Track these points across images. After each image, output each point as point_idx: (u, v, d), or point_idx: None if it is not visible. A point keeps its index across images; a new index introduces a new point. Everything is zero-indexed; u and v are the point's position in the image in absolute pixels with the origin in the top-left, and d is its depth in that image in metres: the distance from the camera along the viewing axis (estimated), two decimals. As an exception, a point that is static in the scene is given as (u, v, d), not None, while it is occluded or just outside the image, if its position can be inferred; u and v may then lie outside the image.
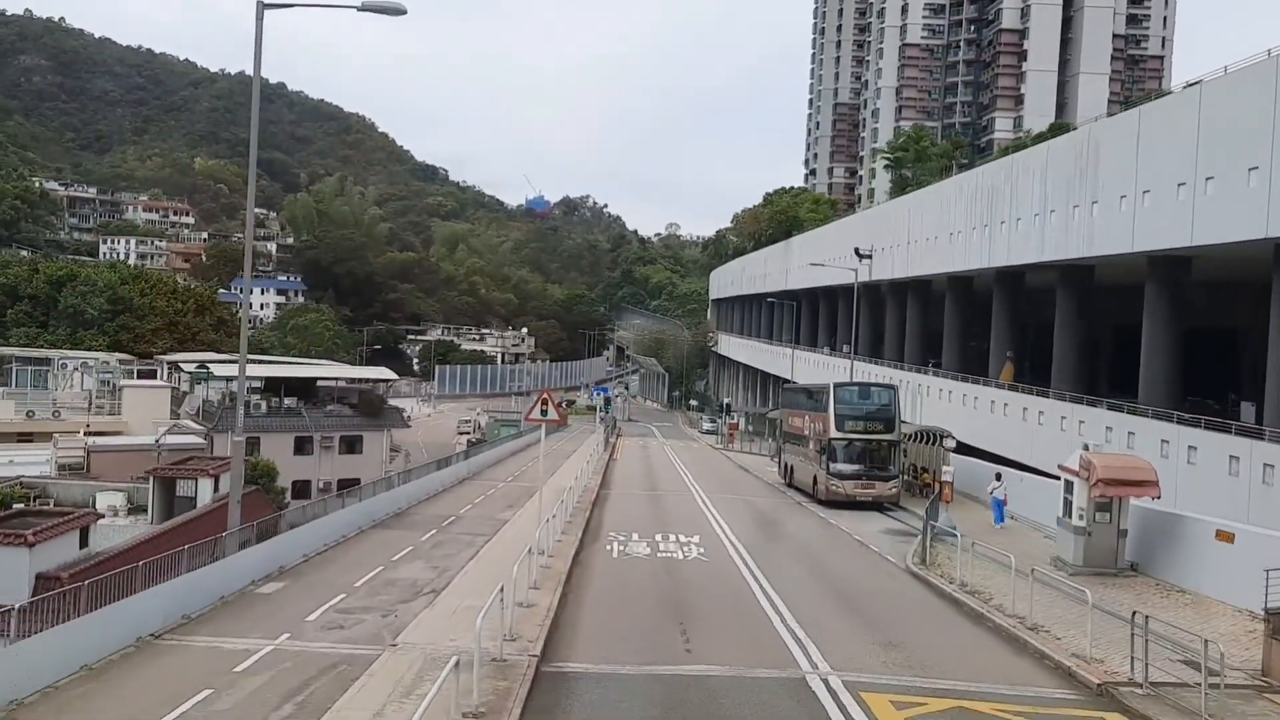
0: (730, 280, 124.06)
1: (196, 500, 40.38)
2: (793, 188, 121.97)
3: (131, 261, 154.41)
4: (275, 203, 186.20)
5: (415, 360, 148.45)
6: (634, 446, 78.26)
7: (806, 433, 44.81)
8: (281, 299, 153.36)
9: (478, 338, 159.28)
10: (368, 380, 73.97)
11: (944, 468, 35.20)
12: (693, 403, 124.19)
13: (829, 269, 78.44)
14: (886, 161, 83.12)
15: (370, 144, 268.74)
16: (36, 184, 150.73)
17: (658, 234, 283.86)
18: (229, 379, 69.51)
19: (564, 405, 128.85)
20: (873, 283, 67.55)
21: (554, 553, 26.10)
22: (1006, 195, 47.49)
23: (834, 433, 40.77)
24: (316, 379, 72.39)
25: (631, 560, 26.97)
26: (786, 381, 79.42)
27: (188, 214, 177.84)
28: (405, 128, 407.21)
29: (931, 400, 55.12)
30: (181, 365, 76.54)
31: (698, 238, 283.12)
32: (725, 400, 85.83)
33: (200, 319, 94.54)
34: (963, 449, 43.25)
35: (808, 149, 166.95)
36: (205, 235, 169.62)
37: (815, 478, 42.86)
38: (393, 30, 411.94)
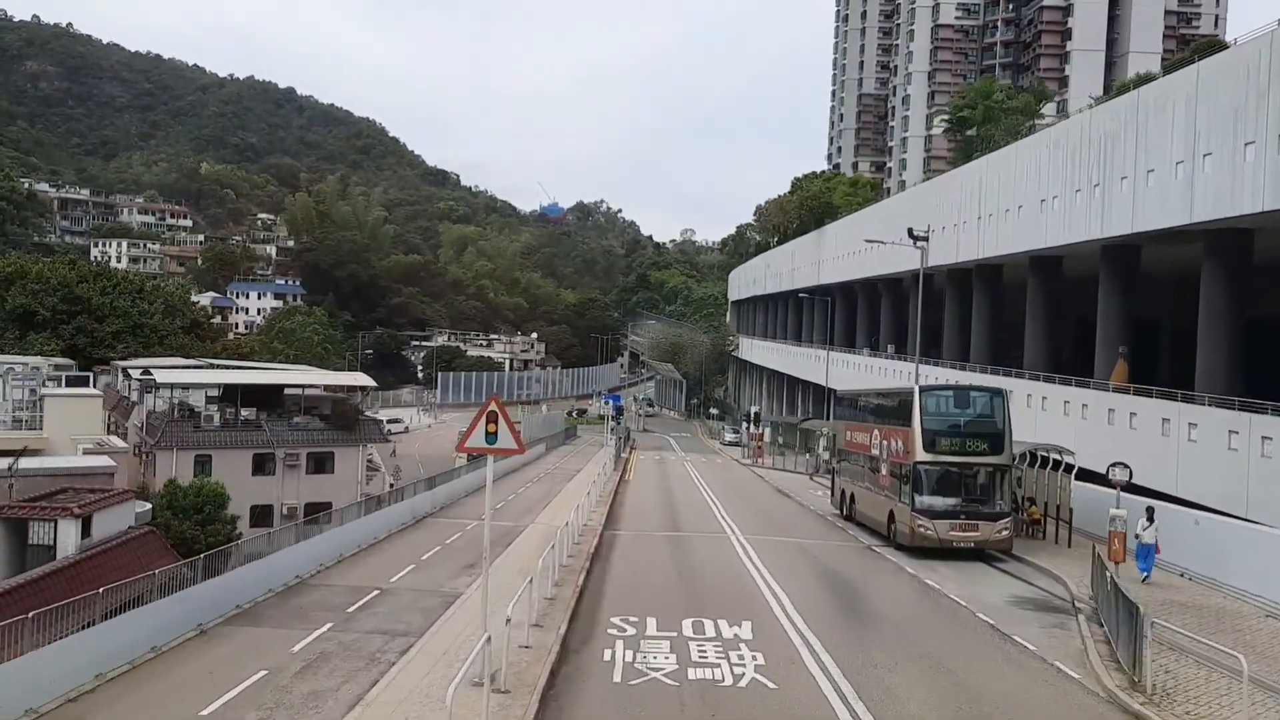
0: (752, 279, 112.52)
1: (56, 550, 29.27)
2: (823, 171, 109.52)
3: (123, 265, 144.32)
4: (281, 207, 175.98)
5: (419, 367, 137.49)
6: (649, 463, 66.87)
7: (877, 453, 33.30)
8: (279, 303, 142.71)
9: (485, 343, 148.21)
10: (342, 388, 62.81)
11: (1113, 512, 23.60)
12: (713, 411, 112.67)
13: (873, 255, 67.00)
14: (945, 124, 71.38)
15: (380, 149, 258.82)
16: (25, 185, 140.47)
17: (673, 240, 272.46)
18: (174, 386, 58.74)
19: (574, 414, 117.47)
20: (927, 271, 56.19)
21: (511, 681, 14.68)
22: (1130, 143, 35.86)
23: (922, 454, 29.27)
24: (283, 386, 61.32)
25: (645, 695, 15.34)
26: (836, 391, 68.02)
27: (185, 216, 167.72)
28: (417, 135, 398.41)
29: (1018, 409, 43.36)
30: (130, 371, 65.57)
31: (714, 243, 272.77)
32: (752, 409, 74.25)
33: (171, 321, 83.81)
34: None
35: (830, 143, 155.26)
36: (202, 238, 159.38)
37: (892, 514, 31.34)
38: (405, 37, 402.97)
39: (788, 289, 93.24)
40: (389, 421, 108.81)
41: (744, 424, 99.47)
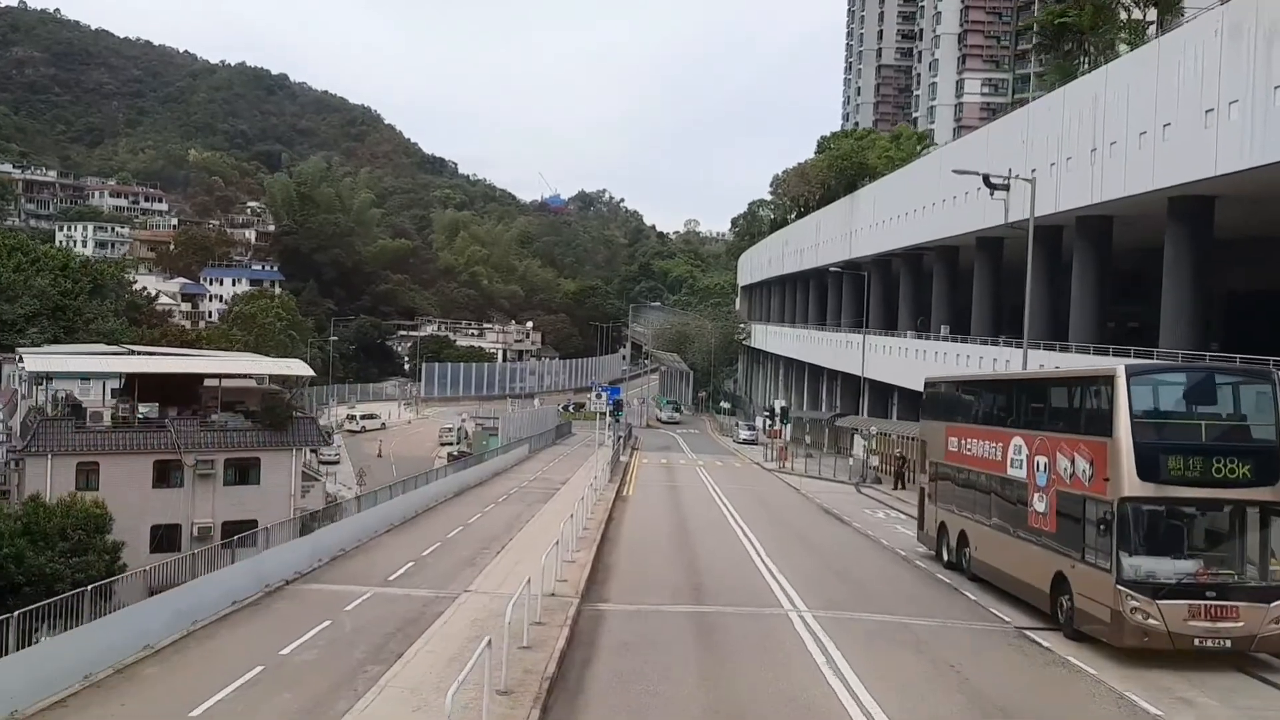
0: (767, 259, 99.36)
1: None
2: (856, 128, 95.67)
3: (88, 250, 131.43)
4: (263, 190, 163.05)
5: (405, 359, 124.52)
6: (654, 469, 53.82)
7: (1024, 475, 20.17)
8: (254, 290, 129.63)
9: (476, 333, 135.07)
10: (275, 378, 49.99)
11: None
12: (725, 405, 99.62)
13: (922, 218, 53.94)
14: (1039, 38, 57.46)
15: (375, 136, 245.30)
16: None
17: (677, 231, 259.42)
18: (54, 375, 45.99)
19: (570, 409, 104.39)
20: (988, 234, 43.31)
21: None
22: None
23: (1135, 484, 16.28)
24: (200, 376, 48.41)
25: None
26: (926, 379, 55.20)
27: (160, 200, 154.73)
28: (417, 126, 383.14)
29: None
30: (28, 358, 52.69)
31: (719, 234, 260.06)
32: (776, 403, 60.93)
33: (101, 303, 70.97)
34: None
35: (845, 120, 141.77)
36: (175, 222, 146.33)
37: (1062, 580, 18.26)
38: (402, 26, 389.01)
39: (811, 267, 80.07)
40: (363, 418, 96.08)
41: (762, 419, 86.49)
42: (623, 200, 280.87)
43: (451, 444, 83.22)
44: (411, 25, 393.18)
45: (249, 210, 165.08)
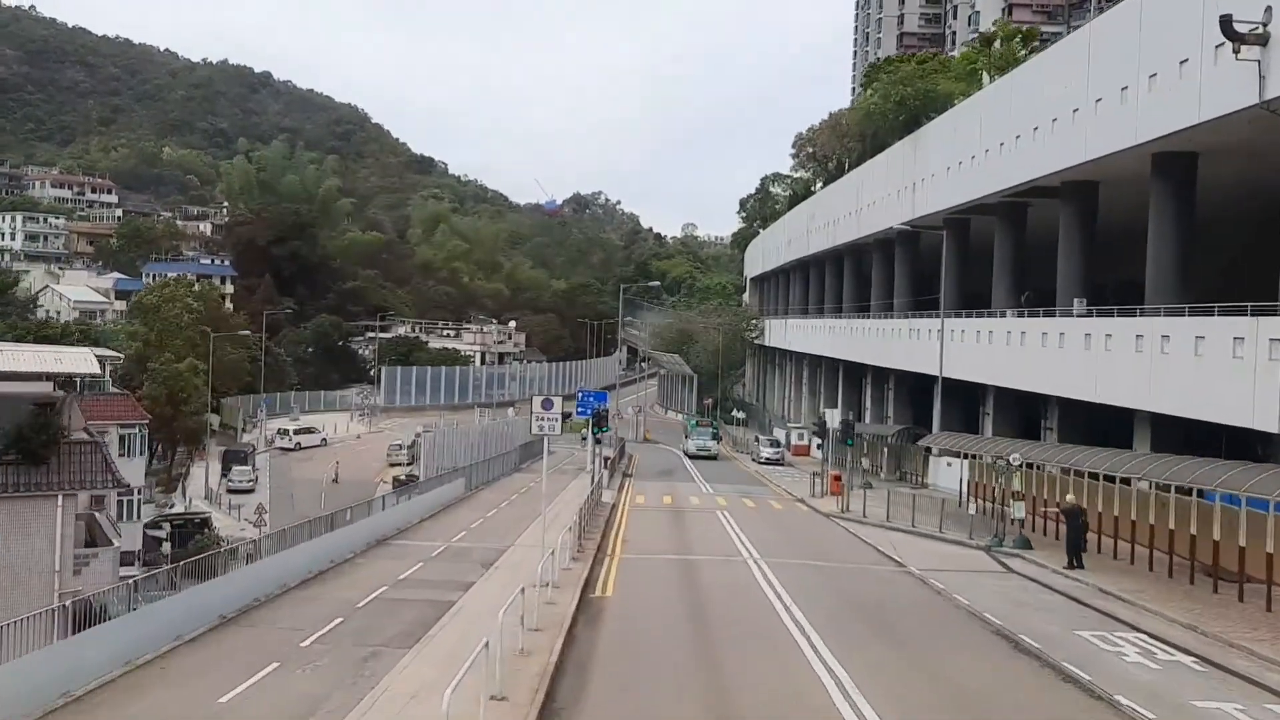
0: (786, 240, 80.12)
1: None
2: (915, 53, 75.33)
3: (17, 243, 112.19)
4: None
5: (370, 363, 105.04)
6: (654, 515, 34.13)
7: None
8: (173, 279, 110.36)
9: (451, 333, 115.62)
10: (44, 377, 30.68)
11: None
12: (738, 415, 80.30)
13: (1027, 148, 34.90)
14: None
15: (362, 135, 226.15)
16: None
17: (674, 236, 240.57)
18: None
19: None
20: (1175, 149, 24.63)
21: None
22: None
23: None
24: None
25: None
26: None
27: (110, 191, 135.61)
28: (408, 131, 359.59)
29: None
30: None
31: (719, 238, 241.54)
32: (829, 415, 40.74)
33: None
34: None
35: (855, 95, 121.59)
36: (119, 214, 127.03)
37: None
38: (396, 32, 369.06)
39: (848, 240, 60.81)
40: (299, 432, 76.70)
41: (786, 432, 67.08)
42: (619, 203, 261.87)
43: (402, 464, 64.04)
44: (404, 31, 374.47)
45: (225, 209, 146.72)
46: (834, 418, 40.51)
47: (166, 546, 43.43)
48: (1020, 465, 27.52)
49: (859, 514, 34.12)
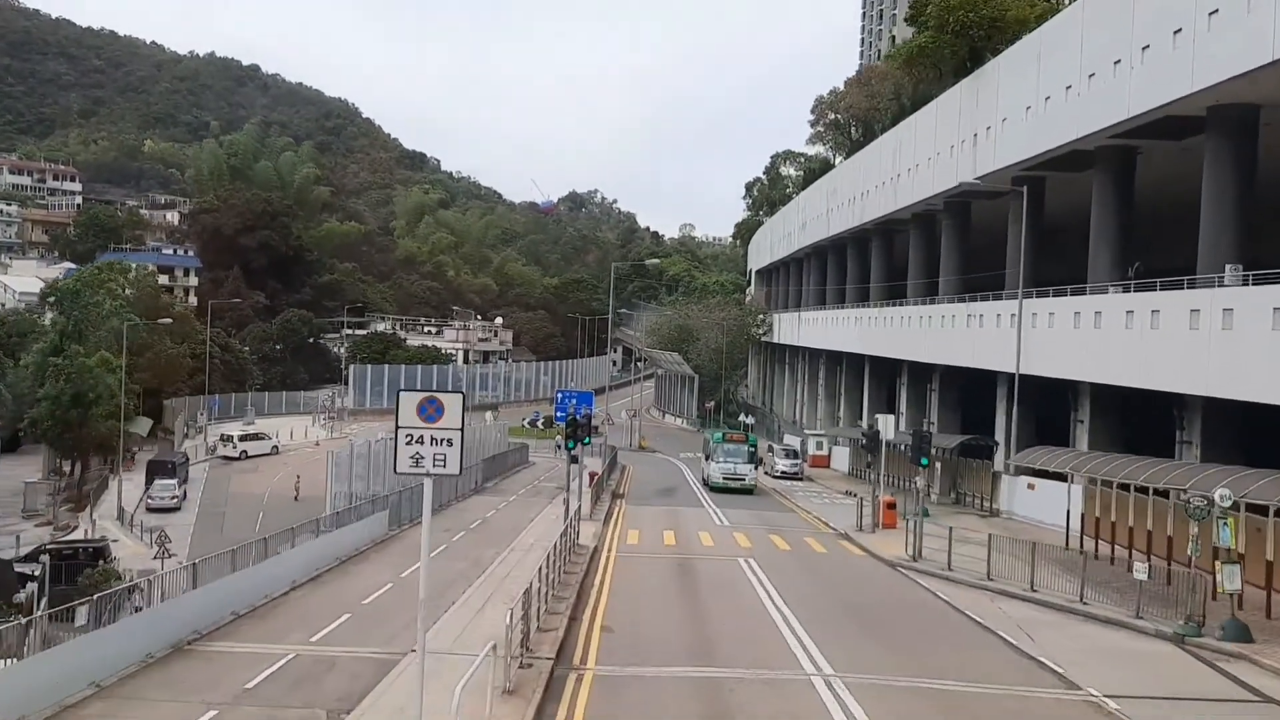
0: (800, 223, 69.67)
1: None
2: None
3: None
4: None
5: (342, 360, 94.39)
6: (653, 555, 23.60)
7: None
8: (163, 278, 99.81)
9: (433, 330, 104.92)
10: None
11: None
12: (746, 420, 69.81)
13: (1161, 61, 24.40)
14: None
15: (352, 130, 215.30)
16: None
17: (672, 237, 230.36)
18: None
19: (540, 424, 73.50)
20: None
21: None
22: None
23: None
24: None
25: None
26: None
27: (73, 179, 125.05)
28: (402, 130, 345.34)
29: None
30: None
31: (717, 239, 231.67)
32: (881, 422, 30.34)
33: None
34: None
35: (865, 49, 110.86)
36: (79, 201, 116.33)
37: None
38: (393, 34, 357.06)
39: (881, 216, 50.43)
40: (244, 438, 66.05)
41: (804, 440, 56.57)
42: (615, 201, 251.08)
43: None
44: (403, 30, 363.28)
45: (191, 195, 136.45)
46: (888, 426, 30.01)
47: (31, 588, 32.73)
48: (1231, 505, 16.99)
49: (939, 563, 23.65)
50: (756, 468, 43.93)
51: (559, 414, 31.42)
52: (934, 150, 42.73)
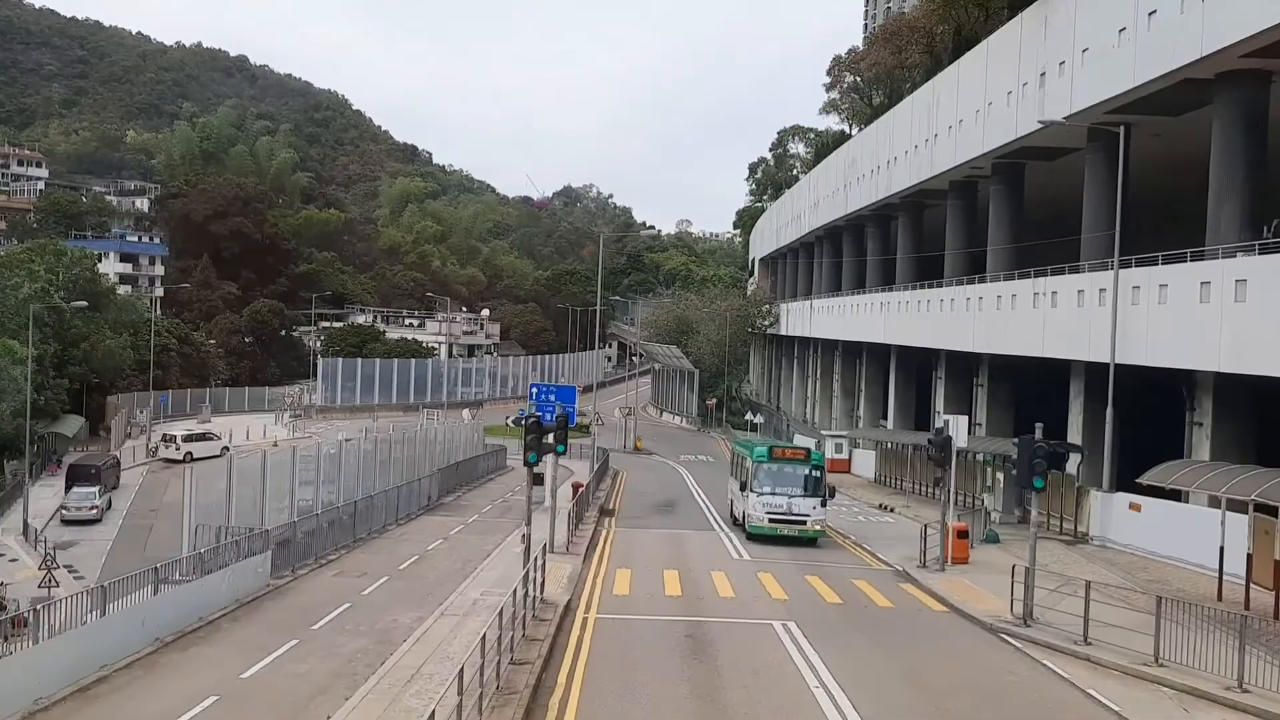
0: (813, 203, 62.19)
1: None
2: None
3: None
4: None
5: (315, 353, 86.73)
6: (650, 617, 15.97)
7: None
8: (126, 267, 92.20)
9: (414, 322, 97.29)
10: None
11: None
12: (753, 419, 62.36)
13: None
14: None
15: (341, 122, 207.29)
16: None
17: (669, 233, 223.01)
18: None
19: (523, 423, 66.33)
20: None
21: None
22: None
23: None
24: None
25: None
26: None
27: (39, 164, 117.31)
28: (396, 125, 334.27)
29: None
30: None
31: (714, 234, 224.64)
32: (951, 424, 23.18)
33: None
34: None
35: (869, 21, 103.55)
36: (41, 186, 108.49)
37: None
38: (388, 31, 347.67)
39: (911, 185, 42.99)
40: (189, 439, 58.42)
41: (835, 440, 49.05)
42: (611, 196, 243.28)
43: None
44: (392, 25, 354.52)
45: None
46: (960, 429, 22.50)
47: None
48: None
49: (1065, 630, 16.14)
50: (825, 503, 27.27)
51: (540, 411, 23.89)
52: (984, 100, 35.24)
